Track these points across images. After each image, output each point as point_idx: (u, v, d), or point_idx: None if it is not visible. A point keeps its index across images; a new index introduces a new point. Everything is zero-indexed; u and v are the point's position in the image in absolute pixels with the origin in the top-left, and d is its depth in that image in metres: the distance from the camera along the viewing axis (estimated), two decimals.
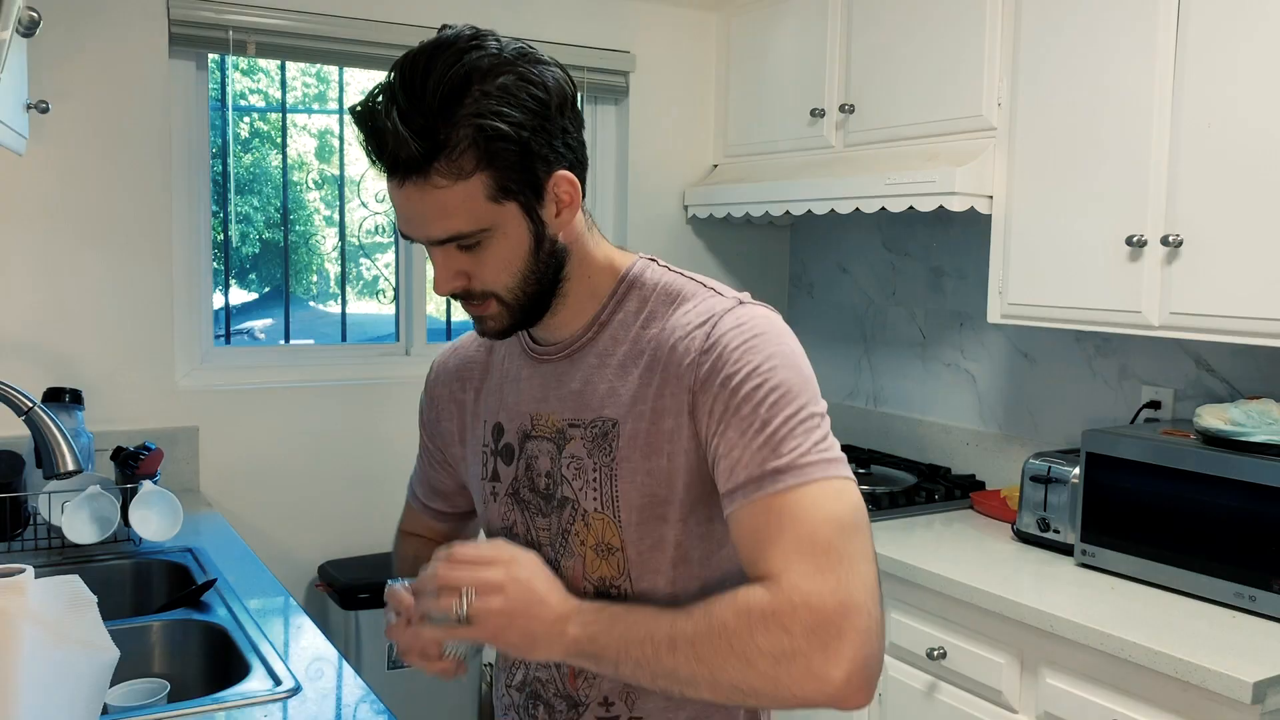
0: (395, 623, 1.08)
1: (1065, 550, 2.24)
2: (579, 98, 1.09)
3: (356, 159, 3.06)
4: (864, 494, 1.00)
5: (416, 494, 1.40)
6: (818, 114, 2.86)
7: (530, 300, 1.08)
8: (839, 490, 0.98)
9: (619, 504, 1.09)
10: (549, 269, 1.08)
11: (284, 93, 3.00)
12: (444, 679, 1.10)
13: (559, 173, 1.04)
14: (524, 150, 1.01)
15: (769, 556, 0.95)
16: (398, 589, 1.08)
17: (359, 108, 1.02)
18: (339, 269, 3.09)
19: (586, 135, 1.12)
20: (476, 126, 0.98)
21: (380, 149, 1.00)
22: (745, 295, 1.11)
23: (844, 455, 1.02)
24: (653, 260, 1.17)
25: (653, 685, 0.97)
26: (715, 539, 1.10)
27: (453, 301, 1.13)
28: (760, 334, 1.05)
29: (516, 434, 1.17)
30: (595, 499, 1.10)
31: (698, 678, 0.94)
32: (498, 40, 1.02)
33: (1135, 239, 2.08)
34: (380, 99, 1.00)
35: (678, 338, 1.07)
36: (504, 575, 1.02)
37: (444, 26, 1.03)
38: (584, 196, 1.09)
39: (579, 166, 1.07)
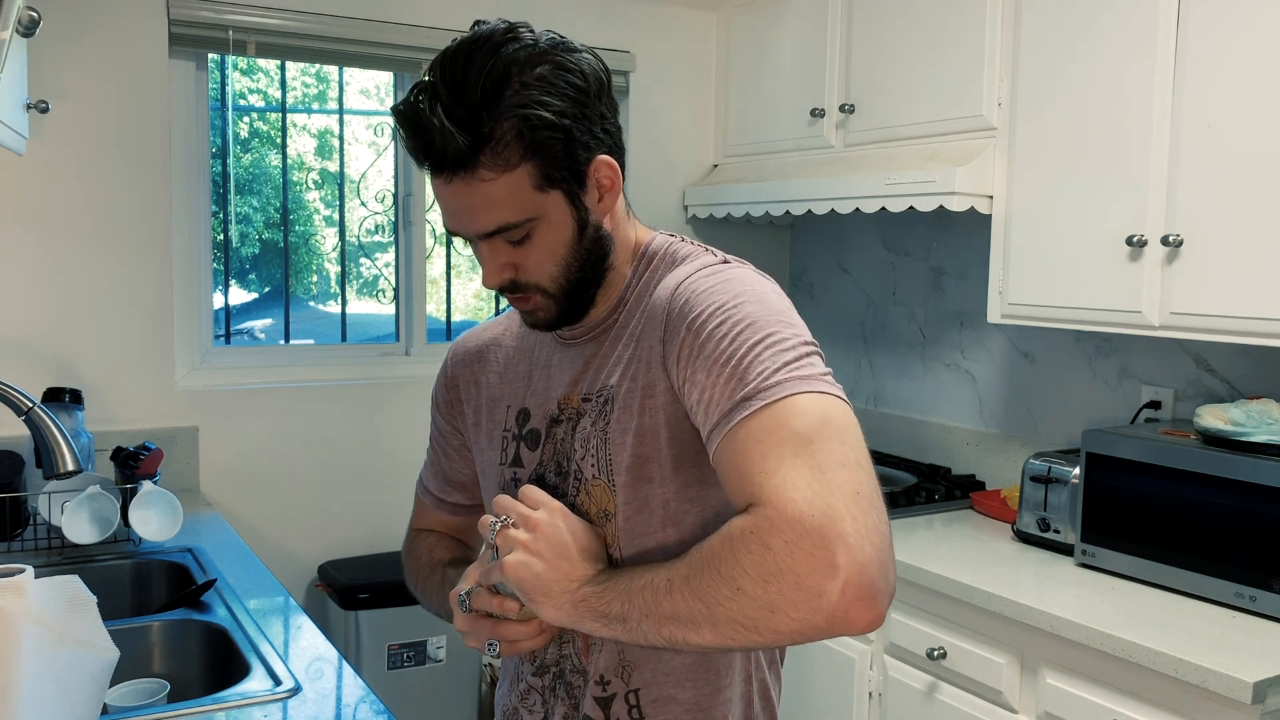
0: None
1: (1065, 550, 2.24)
2: (611, 84, 1.10)
3: (356, 158, 3.06)
4: None
5: (429, 489, 1.37)
6: (818, 114, 2.87)
7: (574, 289, 1.09)
8: (813, 401, 0.92)
9: (611, 467, 1.08)
10: (592, 257, 1.09)
11: (284, 93, 3.00)
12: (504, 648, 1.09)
13: (599, 158, 1.06)
14: (567, 138, 1.02)
15: (745, 482, 0.91)
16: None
17: (402, 108, 1.03)
18: (339, 269, 3.09)
19: None
20: (520, 117, 1.00)
21: (427, 146, 1.01)
22: (744, 262, 1.11)
23: (827, 372, 0.97)
24: (672, 235, 1.18)
25: (660, 638, 0.93)
26: (709, 503, 1.07)
27: (453, 301, 1.13)
28: (729, 279, 1.04)
29: (544, 419, 1.16)
30: (594, 465, 1.09)
31: (697, 616, 0.90)
32: (531, 32, 1.04)
33: (1135, 239, 2.08)
34: (422, 97, 1.01)
35: (658, 295, 1.08)
36: (544, 518, 1.03)
37: (477, 22, 1.05)
38: (624, 179, 1.10)
39: (617, 151, 1.09)
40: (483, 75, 0.99)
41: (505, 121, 0.99)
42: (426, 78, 1.03)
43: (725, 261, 1.10)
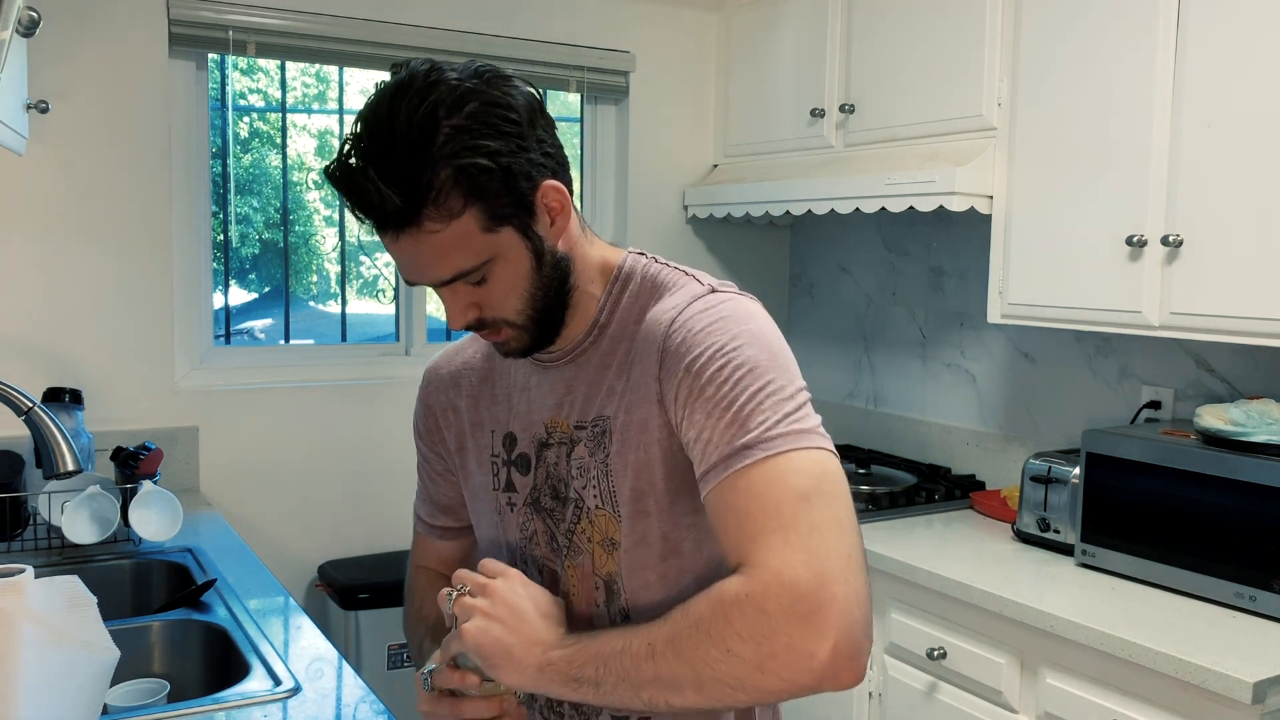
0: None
1: (1065, 550, 2.24)
2: (545, 102, 1.07)
3: None
4: (864, 494, 0.97)
5: (421, 516, 1.36)
6: (818, 114, 2.87)
7: (541, 316, 1.08)
8: (810, 460, 0.94)
9: (616, 498, 1.08)
10: (554, 282, 1.08)
11: (284, 93, 3.00)
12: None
13: (545, 183, 1.04)
14: (506, 174, 0.99)
15: (740, 539, 0.93)
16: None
17: (332, 168, 1.00)
18: (339, 269, 3.09)
19: (586, 135, 1.11)
20: (455, 166, 0.97)
21: (366, 207, 0.99)
22: (727, 284, 1.10)
23: (819, 423, 0.99)
24: (642, 254, 1.16)
25: (638, 701, 0.95)
26: (703, 528, 1.08)
27: None
28: (724, 316, 1.03)
29: (532, 443, 1.16)
30: (596, 495, 1.09)
31: (681, 678, 0.91)
32: (454, 69, 1.00)
33: (1135, 239, 2.08)
34: (352, 156, 0.99)
35: (649, 327, 1.07)
36: (501, 585, 1.03)
37: (395, 65, 1.02)
38: (572, 196, 1.08)
39: (561, 172, 1.06)
40: (410, 125, 0.96)
41: (441, 171, 0.96)
42: (353, 131, 1.00)
43: (713, 290, 1.08)
